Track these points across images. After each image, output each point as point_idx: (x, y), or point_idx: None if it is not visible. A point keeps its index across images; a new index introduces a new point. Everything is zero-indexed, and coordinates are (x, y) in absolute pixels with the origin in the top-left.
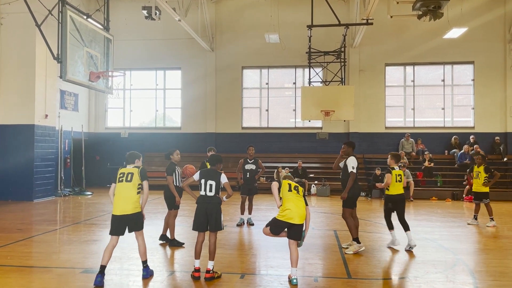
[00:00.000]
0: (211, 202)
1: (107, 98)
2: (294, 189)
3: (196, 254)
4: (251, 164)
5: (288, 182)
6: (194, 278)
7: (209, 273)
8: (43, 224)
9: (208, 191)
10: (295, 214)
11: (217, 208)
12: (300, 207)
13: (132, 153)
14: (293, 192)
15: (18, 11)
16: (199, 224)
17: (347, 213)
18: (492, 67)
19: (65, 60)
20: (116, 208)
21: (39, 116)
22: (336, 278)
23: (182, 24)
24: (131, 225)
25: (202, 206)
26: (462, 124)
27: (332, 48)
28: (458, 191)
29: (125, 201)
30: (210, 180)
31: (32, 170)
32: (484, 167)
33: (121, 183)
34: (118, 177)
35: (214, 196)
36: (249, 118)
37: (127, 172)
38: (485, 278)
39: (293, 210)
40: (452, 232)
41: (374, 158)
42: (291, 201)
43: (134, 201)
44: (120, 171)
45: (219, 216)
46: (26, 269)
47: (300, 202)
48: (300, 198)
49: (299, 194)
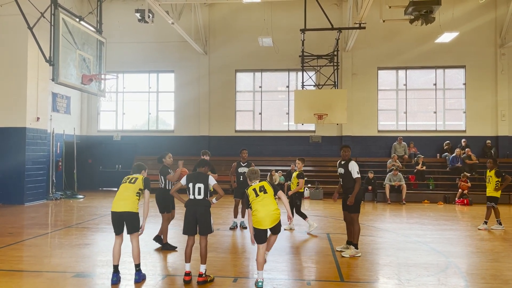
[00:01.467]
0: (200, 205)
1: (99, 101)
2: (261, 191)
3: (186, 257)
4: (244, 167)
5: (253, 188)
6: (185, 282)
7: (202, 277)
8: (34, 228)
9: (197, 194)
10: (266, 218)
11: (207, 211)
12: (269, 209)
13: (139, 164)
14: (260, 196)
15: (10, 14)
16: (189, 228)
17: (356, 217)
18: (483, 71)
19: (58, 63)
20: (114, 205)
21: (31, 119)
22: (329, 282)
23: (175, 27)
24: (128, 225)
25: (191, 210)
26: (453, 128)
27: (325, 51)
28: (450, 194)
29: (123, 200)
30: (198, 183)
31: (24, 173)
32: (495, 171)
33: (124, 184)
34: (123, 180)
35: (203, 199)
36: (242, 121)
37: (132, 176)
38: (477, 281)
39: (263, 215)
40: (444, 235)
41: (366, 161)
42: (259, 206)
43: (132, 201)
44: (126, 176)
45: (209, 219)
46: (16, 273)
47: (269, 203)
48: (268, 198)
49: (267, 193)
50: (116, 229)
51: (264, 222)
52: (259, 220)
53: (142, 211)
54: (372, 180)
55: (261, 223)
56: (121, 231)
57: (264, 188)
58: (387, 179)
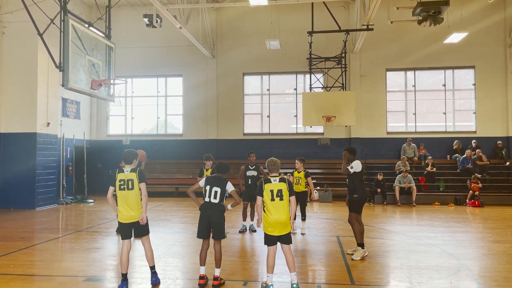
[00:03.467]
0: (214, 209)
1: (108, 106)
2: (277, 196)
3: (201, 261)
4: (253, 170)
5: (270, 188)
6: (200, 286)
7: (217, 280)
8: (45, 232)
9: (213, 198)
10: (278, 226)
11: (221, 216)
12: (282, 216)
13: (130, 152)
14: (275, 201)
15: (20, 20)
16: (202, 232)
17: (353, 218)
18: (493, 72)
19: (67, 69)
20: (122, 216)
21: (41, 124)
22: (340, 285)
23: (183, 31)
24: (137, 231)
25: (205, 213)
26: (463, 129)
27: (332, 54)
28: (461, 196)
29: (131, 209)
30: (215, 187)
31: (34, 178)
32: None
33: (123, 191)
34: (118, 184)
35: (218, 203)
36: (250, 124)
37: (126, 178)
38: (489, 284)
39: (275, 222)
40: (455, 237)
41: (376, 163)
42: (272, 211)
43: (139, 207)
44: (119, 177)
45: (223, 225)
46: (28, 278)
47: (282, 212)
48: (283, 207)
49: (283, 200)
50: (124, 235)
51: (273, 229)
52: (270, 225)
53: None
54: (382, 182)
55: (271, 229)
56: (129, 236)
57: (282, 194)
58: (396, 181)
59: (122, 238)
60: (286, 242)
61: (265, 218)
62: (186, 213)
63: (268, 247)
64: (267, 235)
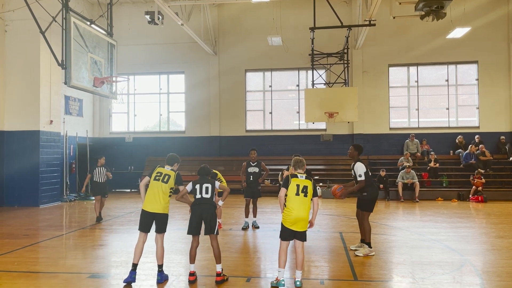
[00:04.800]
0: (207, 204)
1: (111, 103)
2: (302, 192)
3: (191, 258)
4: (254, 167)
5: (297, 183)
6: (190, 282)
7: (220, 276)
8: (50, 229)
9: (204, 193)
10: (299, 221)
11: (213, 212)
12: (303, 213)
13: (173, 156)
14: (300, 196)
15: (22, 18)
16: (193, 228)
17: (366, 216)
18: (496, 67)
19: (70, 66)
20: (147, 205)
21: (44, 122)
22: (342, 281)
23: (185, 28)
24: (157, 224)
25: (197, 209)
26: (467, 124)
27: (335, 49)
28: (464, 191)
29: (157, 200)
30: (206, 184)
31: (38, 175)
32: None
33: (157, 181)
34: (154, 175)
35: (211, 198)
36: (253, 121)
37: (164, 173)
38: (492, 279)
39: (296, 217)
40: (458, 232)
41: (379, 159)
42: (295, 206)
43: (165, 201)
44: (157, 170)
45: (215, 220)
46: (33, 275)
47: (304, 208)
48: (306, 204)
49: (307, 197)
50: (143, 227)
51: (294, 223)
52: (290, 219)
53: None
54: (384, 178)
55: (291, 223)
56: (147, 229)
57: (307, 190)
58: (399, 176)
59: (139, 229)
60: (301, 239)
61: (286, 212)
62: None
63: (281, 241)
64: (284, 229)
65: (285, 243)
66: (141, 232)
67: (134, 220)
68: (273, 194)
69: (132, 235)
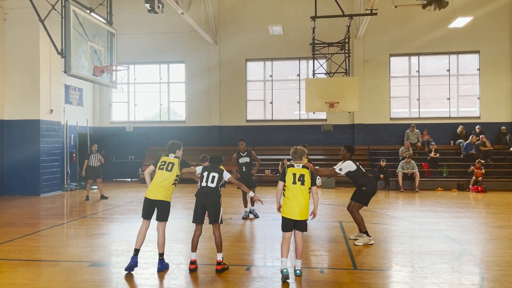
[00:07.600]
0: (211, 193)
1: (111, 93)
2: (299, 180)
3: (193, 247)
4: (245, 157)
5: (293, 172)
6: (191, 271)
7: (220, 265)
8: (50, 218)
9: (210, 182)
10: (297, 210)
11: (216, 201)
12: (302, 201)
13: (174, 143)
14: (297, 185)
15: (21, 6)
16: (197, 216)
17: (357, 208)
18: (497, 57)
19: (69, 55)
20: (150, 192)
21: (44, 111)
22: (342, 270)
23: (185, 17)
24: (158, 212)
25: (201, 197)
26: (467, 114)
27: (336, 39)
28: (464, 181)
29: (160, 188)
30: (213, 173)
31: (39, 165)
32: None
33: (161, 170)
34: (159, 164)
35: (215, 188)
36: (253, 111)
37: (168, 161)
38: (491, 268)
39: (295, 206)
40: (458, 222)
41: (379, 149)
42: (293, 196)
43: (168, 189)
44: (162, 159)
45: (218, 209)
46: (34, 263)
47: (302, 196)
48: (304, 192)
49: (304, 185)
50: (145, 214)
51: (293, 212)
52: (289, 209)
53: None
54: (385, 168)
55: (290, 212)
56: (149, 216)
57: (304, 179)
58: (400, 167)
59: (142, 217)
60: (301, 229)
61: (284, 201)
62: (190, 199)
63: (283, 233)
64: (285, 220)
65: (287, 233)
66: (144, 219)
67: (135, 209)
68: (273, 184)
69: (133, 224)
